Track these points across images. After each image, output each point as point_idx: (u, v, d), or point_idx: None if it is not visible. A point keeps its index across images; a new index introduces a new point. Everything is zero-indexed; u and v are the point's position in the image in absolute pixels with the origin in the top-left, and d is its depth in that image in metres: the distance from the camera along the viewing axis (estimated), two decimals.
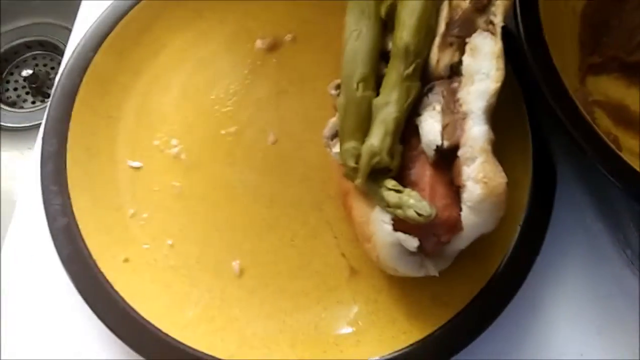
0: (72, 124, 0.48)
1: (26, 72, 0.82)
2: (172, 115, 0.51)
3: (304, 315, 0.44)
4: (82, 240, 0.44)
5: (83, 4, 0.59)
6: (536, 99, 0.47)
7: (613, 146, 0.42)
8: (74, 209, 0.45)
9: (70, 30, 0.85)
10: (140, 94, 0.51)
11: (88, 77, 0.50)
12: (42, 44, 0.87)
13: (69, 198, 0.45)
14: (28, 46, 0.87)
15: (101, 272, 0.43)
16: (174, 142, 0.50)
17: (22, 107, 0.84)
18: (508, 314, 0.42)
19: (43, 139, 0.47)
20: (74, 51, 0.51)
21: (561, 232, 0.46)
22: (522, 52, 0.45)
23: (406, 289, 0.44)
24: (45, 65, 0.87)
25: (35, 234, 0.47)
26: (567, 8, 0.51)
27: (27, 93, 0.84)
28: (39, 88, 0.84)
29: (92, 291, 0.43)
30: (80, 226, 0.45)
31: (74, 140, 0.48)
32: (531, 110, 0.47)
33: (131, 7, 0.52)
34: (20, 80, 0.84)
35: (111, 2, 0.53)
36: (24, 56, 0.87)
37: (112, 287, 0.43)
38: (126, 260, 0.45)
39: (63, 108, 0.48)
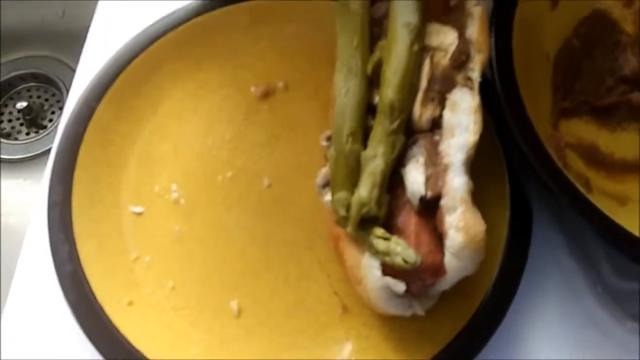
0: (76, 173, 0.50)
1: (20, 105, 0.84)
2: (172, 161, 0.53)
3: (300, 353, 0.46)
4: (89, 285, 0.46)
5: (87, 46, 0.61)
6: (512, 145, 0.49)
7: (582, 189, 0.45)
8: (80, 255, 0.47)
9: (64, 63, 0.89)
10: (141, 142, 0.53)
11: (91, 127, 0.52)
12: (36, 77, 0.89)
13: (74, 245, 0.47)
14: (22, 78, 0.88)
15: (107, 316, 0.45)
16: (174, 187, 0.52)
17: (16, 139, 0.85)
18: (490, 348, 0.44)
19: (49, 188, 0.49)
20: (77, 101, 0.53)
21: (537, 270, 0.49)
22: (499, 101, 0.48)
23: (395, 326, 0.46)
24: (39, 97, 0.88)
25: (43, 279, 0.49)
26: (541, 56, 0.54)
27: (21, 125, 0.86)
28: (33, 120, 0.85)
29: (99, 334, 0.45)
30: (86, 272, 0.47)
31: (78, 188, 0.50)
32: (508, 156, 0.50)
33: (133, 58, 0.55)
34: (15, 112, 0.86)
35: (112, 54, 0.55)
36: (18, 88, 0.88)
37: (117, 330, 0.45)
38: (130, 303, 0.47)
39: (68, 157, 0.51)
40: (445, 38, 0.45)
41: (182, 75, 0.56)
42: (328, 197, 0.44)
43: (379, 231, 0.41)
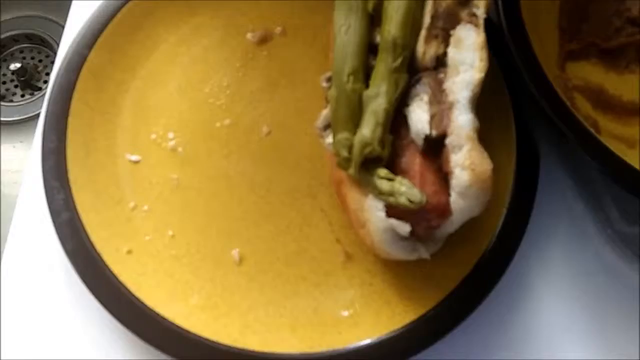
0: (70, 121, 0.49)
1: (14, 66, 0.82)
2: (168, 109, 0.52)
3: (303, 300, 0.45)
4: (86, 233, 0.45)
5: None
6: (518, 86, 0.48)
7: (592, 129, 0.44)
8: (76, 203, 0.46)
9: (56, 23, 0.87)
10: (135, 89, 0.52)
11: (83, 74, 0.50)
12: (29, 37, 0.87)
13: (70, 193, 0.46)
14: (15, 39, 0.87)
15: (106, 264, 0.45)
16: (171, 135, 0.51)
17: (11, 101, 0.84)
18: (497, 293, 0.44)
19: (43, 135, 0.48)
20: (68, 49, 0.52)
21: (545, 213, 0.48)
22: (505, 42, 0.47)
23: (399, 272, 0.46)
24: (32, 58, 0.87)
25: (39, 227, 0.48)
26: None
27: (15, 86, 0.85)
28: (27, 81, 0.84)
29: (97, 283, 0.44)
30: (83, 220, 0.46)
31: (72, 136, 0.49)
32: (514, 97, 0.49)
33: (124, 4, 0.53)
34: (9, 74, 0.84)
35: None
36: (11, 49, 0.87)
37: (117, 278, 0.44)
38: (129, 251, 0.46)
39: (60, 105, 0.49)
40: None
41: (176, 20, 0.55)
42: (329, 139, 0.43)
43: (383, 172, 0.40)
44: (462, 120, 0.40)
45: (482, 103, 0.42)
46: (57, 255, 0.47)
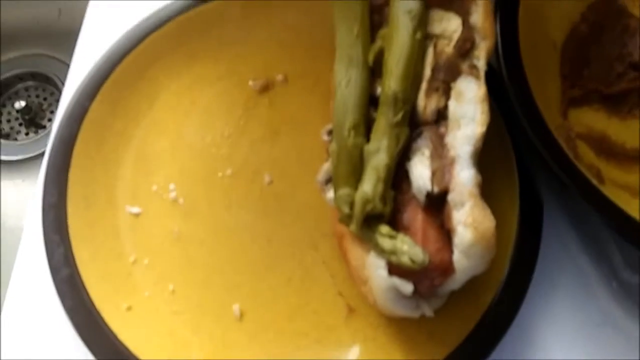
0: (71, 174, 0.49)
1: (19, 104, 0.83)
2: (169, 159, 0.52)
3: (305, 357, 0.44)
4: (85, 290, 0.45)
5: (79, 43, 0.60)
6: (520, 136, 0.48)
7: (594, 180, 0.44)
8: (76, 258, 0.46)
9: (61, 61, 0.88)
10: (137, 140, 0.52)
11: (85, 125, 0.50)
12: (33, 76, 0.88)
13: (70, 248, 0.46)
14: (20, 78, 0.88)
15: (105, 322, 0.44)
16: (172, 186, 0.51)
17: (15, 139, 0.84)
18: (503, 348, 0.43)
19: (43, 189, 0.48)
20: (69, 101, 0.52)
21: (549, 265, 0.47)
22: (505, 90, 0.46)
23: (403, 327, 0.45)
24: (37, 96, 0.87)
25: (39, 282, 0.48)
26: (548, 44, 0.53)
27: (20, 125, 0.85)
28: (32, 119, 0.85)
29: (97, 341, 0.43)
30: (83, 276, 0.45)
31: (73, 189, 0.48)
32: (517, 146, 0.48)
33: (126, 54, 0.53)
34: (14, 113, 0.85)
35: (105, 51, 0.54)
36: (16, 88, 0.88)
37: (116, 337, 0.43)
38: (129, 308, 0.46)
39: (62, 158, 0.49)
40: (448, 25, 0.44)
41: (178, 70, 0.55)
42: (331, 194, 0.43)
43: (384, 229, 0.39)
44: (464, 177, 0.39)
45: (484, 151, 0.41)
46: (56, 311, 0.46)
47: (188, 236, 0.49)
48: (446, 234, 0.40)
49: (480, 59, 0.43)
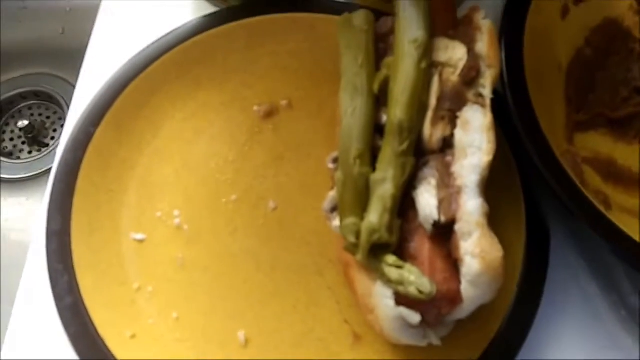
0: (75, 200, 0.48)
1: (22, 123, 0.82)
2: (173, 186, 0.51)
3: None
4: (89, 317, 0.45)
5: (85, 66, 0.59)
6: (527, 163, 0.48)
7: (601, 207, 0.44)
8: (80, 286, 0.46)
9: (64, 80, 0.88)
10: (141, 166, 0.52)
11: (90, 152, 0.50)
12: (37, 94, 0.88)
13: (74, 275, 0.46)
14: (23, 97, 0.87)
15: (109, 350, 0.44)
16: (176, 212, 0.50)
17: (19, 158, 0.84)
18: None
19: (47, 217, 0.48)
20: (74, 127, 0.52)
21: (557, 293, 0.47)
22: (511, 117, 0.46)
23: (410, 355, 0.44)
24: (40, 115, 0.87)
25: (43, 311, 0.47)
26: (554, 67, 0.53)
27: (23, 143, 0.84)
28: (35, 138, 0.84)
29: None
30: (87, 304, 0.45)
31: (77, 216, 0.48)
32: (523, 173, 0.48)
33: (131, 80, 0.53)
34: (17, 131, 0.84)
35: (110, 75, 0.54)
36: (19, 107, 0.87)
37: None
38: (133, 336, 0.45)
39: (66, 184, 0.49)
40: (454, 53, 0.44)
41: (182, 96, 0.54)
42: (336, 222, 0.43)
43: (391, 259, 0.39)
44: (471, 206, 0.39)
45: (489, 179, 0.41)
46: (60, 339, 0.45)
47: (192, 263, 0.49)
48: (453, 264, 0.40)
49: (486, 87, 0.43)
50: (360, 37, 0.46)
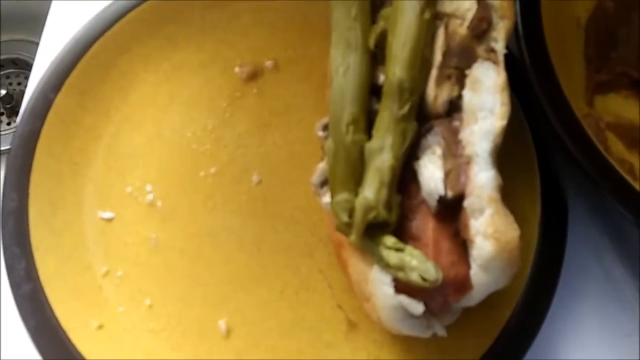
0: (33, 175, 0.44)
1: None
2: (146, 157, 0.47)
3: None
4: (50, 307, 0.41)
5: (46, 28, 0.54)
6: (543, 128, 0.43)
7: (629, 178, 0.39)
8: (40, 272, 0.42)
9: None
10: (109, 136, 0.47)
11: (49, 121, 0.46)
12: (15, 62, 0.85)
13: (33, 260, 0.42)
14: (1, 65, 0.84)
15: (73, 344, 0.40)
16: (149, 187, 0.46)
17: None
18: None
19: (3, 194, 0.43)
20: (32, 92, 0.47)
21: (575, 272, 0.44)
22: (525, 75, 0.42)
23: (411, 345, 0.41)
24: (19, 83, 0.84)
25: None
26: (572, 21, 0.48)
27: (1, 114, 0.82)
28: (14, 108, 0.81)
29: None
30: (47, 292, 0.41)
31: (36, 193, 0.44)
32: (538, 140, 0.44)
33: (95, 39, 0.48)
34: None
35: (73, 35, 0.48)
36: None
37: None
38: (100, 327, 0.42)
39: (23, 158, 0.44)
40: (461, 3, 0.38)
41: (155, 56, 0.50)
42: (327, 198, 0.38)
43: (390, 240, 0.34)
44: (483, 179, 0.34)
45: (501, 147, 0.36)
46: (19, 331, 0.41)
47: (167, 244, 0.45)
48: (462, 245, 0.35)
49: (499, 41, 0.38)
50: None
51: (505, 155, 0.37)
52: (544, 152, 0.44)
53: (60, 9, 0.55)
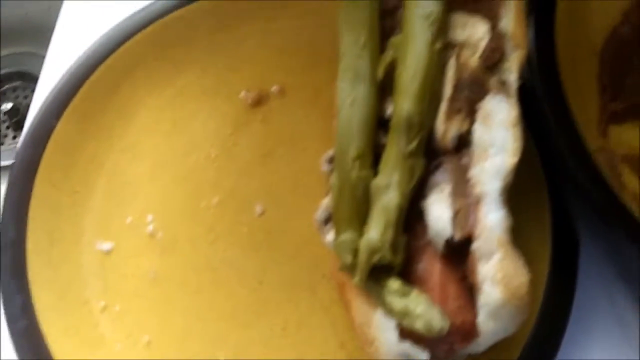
0: (32, 205, 0.43)
1: (5, 106, 0.80)
2: (147, 187, 0.46)
3: None
4: (45, 345, 0.39)
5: (52, 46, 0.54)
6: (554, 162, 0.41)
7: None
8: (36, 307, 0.40)
9: None
10: (110, 164, 0.46)
11: (50, 148, 0.44)
12: (21, 76, 0.84)
13: (29, 294, 0.41)
14: (7, 78, 0.84)
15: None
16: (149, 218, 0.45)
17: (2, 144, 0.81)
18: None
19: (1, 225, 0.42)
20: (33, 119, 0.46)
21: (587, 320, 0.41)
22: (538, 105, 0.40)
23: None
24: (26, 97, 0.84)
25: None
26: (588, 49, 0.46)
27: (7, 128, 0.81)
28: (19, 122, 0.80)
29: None
30: (44, 328, 0.40)
31: (34, 224, 0.43)
32: (549, 173, 0.42)
33: (98, 64, 0.47)
34: (0, 115, 0.81)
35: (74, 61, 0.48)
36: (3, 88, 0.84)
37: None
38: None
39: (21, 187, 0.43)
40: (473, 31, 0.37)
41: (158, 82, 0.48)
42: (330, 236, 0.36)
43: (395, 284, 0.33)
44: (493, 220, 0.33)
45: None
46: None
47: (166, 277, 0.43)
48: (468, 289, 0.33)
49: (512, 73, 0.36)
50: (363, 12, 0.39)
51: (514, 189, 0.35)
52: (555, 186, 0.42)
53: (67, 22, 0.55)
